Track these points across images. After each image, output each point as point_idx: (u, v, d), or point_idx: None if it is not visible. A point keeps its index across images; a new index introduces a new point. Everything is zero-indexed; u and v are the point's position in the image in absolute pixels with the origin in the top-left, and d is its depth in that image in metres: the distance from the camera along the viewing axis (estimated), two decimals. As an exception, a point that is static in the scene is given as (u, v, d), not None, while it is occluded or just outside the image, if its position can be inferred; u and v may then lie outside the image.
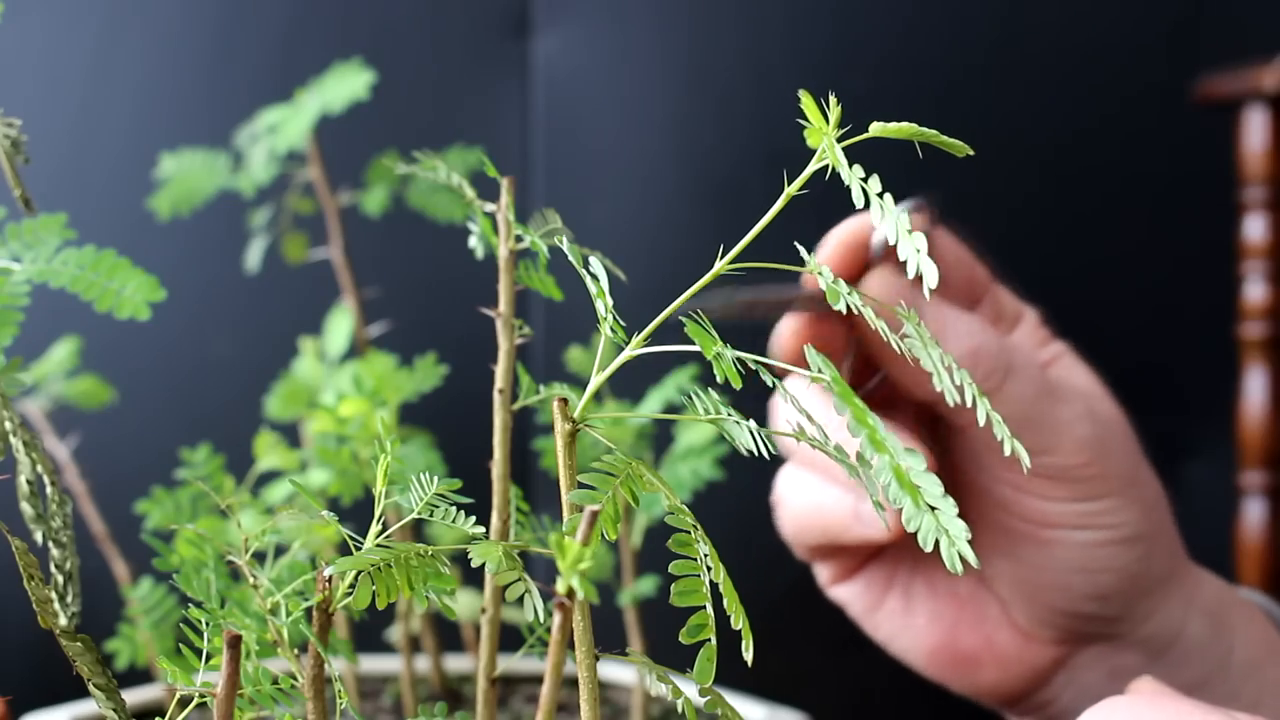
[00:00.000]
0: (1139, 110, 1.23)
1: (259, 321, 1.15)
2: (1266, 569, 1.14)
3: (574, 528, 0.40)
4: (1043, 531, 0.64)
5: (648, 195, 1.21)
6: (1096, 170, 1.24)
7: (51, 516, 0.48)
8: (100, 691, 0.47)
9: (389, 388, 0.69)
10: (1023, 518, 0.65)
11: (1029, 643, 0.67)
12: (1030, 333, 0.68)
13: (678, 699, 0.46)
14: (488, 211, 0.52)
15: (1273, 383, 1.14)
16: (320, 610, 0.45)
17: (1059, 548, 0.64)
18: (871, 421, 0.42)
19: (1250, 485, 1.15)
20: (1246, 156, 1.15)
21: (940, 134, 0.44)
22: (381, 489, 0.48)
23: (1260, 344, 1.15)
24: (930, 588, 0.68)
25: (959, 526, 0.40)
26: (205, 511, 0.66)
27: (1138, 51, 1.23)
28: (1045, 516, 0.64)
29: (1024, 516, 0.65)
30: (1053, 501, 0.64)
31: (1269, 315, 1.14)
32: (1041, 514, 0.64)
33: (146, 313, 0.51)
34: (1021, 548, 0.65)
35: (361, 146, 0.87)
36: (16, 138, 0.49)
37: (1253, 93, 1.13)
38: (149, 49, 1.17)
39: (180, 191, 0.84)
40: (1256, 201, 1.15)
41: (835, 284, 0.44)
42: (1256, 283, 1.15)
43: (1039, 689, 0.68)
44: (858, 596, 0.69)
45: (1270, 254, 1.15)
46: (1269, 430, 1.14)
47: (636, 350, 0.45)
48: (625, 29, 1.21)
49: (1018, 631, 0.68)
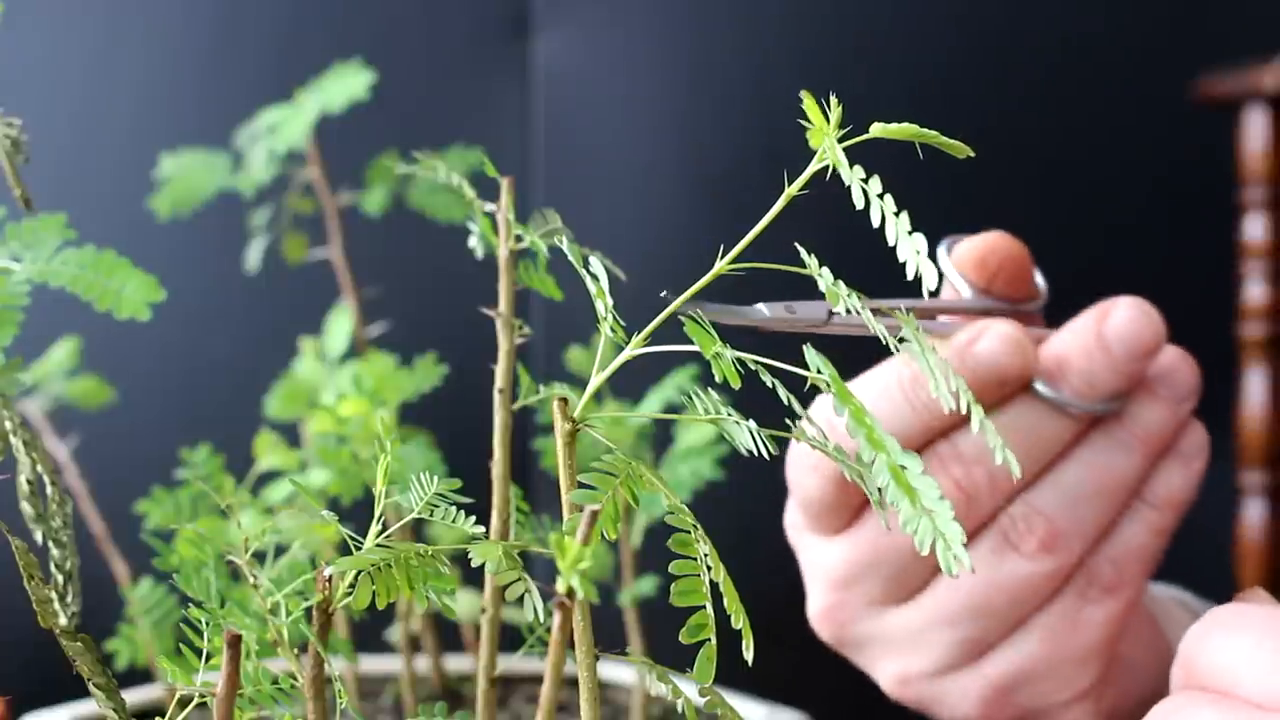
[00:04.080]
0: (1139, 110, 1.23)
1: (259, 321, 1.15)
2: (1266, 569, 1.14)
3: (574, 528, 0.40)
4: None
5: (648, 195, 1.21)
6: (1096, 170, 1.24)
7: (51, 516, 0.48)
8: (100, 691, 0.47)
9: (389, 388, 0.69)
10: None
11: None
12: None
13: (678, 699, 0.46)
14: (488, 211, 0.52)
15: (1273, 383, 1.14)
16: (320, 610, 0.45)
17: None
18: (869, 421, 0.42)
19: (1250, 485, 1.15)
20: (1246, 156, 1.15)
21: (940, 134, 0.44)
22: (381, 489, 0.48)
23: (1260, 344, 1.15)
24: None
25: (955, 530, 0.40)
26: (205, 511, 0.66)
27: (1138, 51, 1.23)
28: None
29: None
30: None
31: (1269, 315, 1.14)
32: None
33: (146, 313, 0.51)
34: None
35: (361, 146, 0.87)
36: (16, 137, 0.49)
37: (1253, 93, 1.13)
38: (149, 49, 1.17)
39: (180, 191, 0.84)
40: (1256, 201, 1.15)
41: (835, 285, 0.44)
42: (1256, 283, 1.15)
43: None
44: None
45: (1270, 254, 1.15)
46: (1269, 430, 1.14)
47: (636, 350, 0.45)
48: (625, 29, 1.21)
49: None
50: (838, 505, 0.62)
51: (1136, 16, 1.23)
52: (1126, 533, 0.63)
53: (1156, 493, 0.63)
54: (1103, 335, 0.60)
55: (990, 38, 1.23)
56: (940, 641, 0.62)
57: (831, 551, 0.63)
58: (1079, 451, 0.62)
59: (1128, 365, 0.60)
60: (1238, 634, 0.48)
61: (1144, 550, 0.63)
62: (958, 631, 0.62)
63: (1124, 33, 1.23)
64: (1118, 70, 1.23)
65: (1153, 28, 1.23)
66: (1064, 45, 1.23)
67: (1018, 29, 1.23)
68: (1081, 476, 0.61)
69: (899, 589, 0.63)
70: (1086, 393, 0.60)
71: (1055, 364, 0.61)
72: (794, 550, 0.66)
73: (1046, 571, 0.61)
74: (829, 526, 0.63)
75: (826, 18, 1.21)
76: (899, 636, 0.63)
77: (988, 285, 0.62)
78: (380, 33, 1.19)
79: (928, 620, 0.62)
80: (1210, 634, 0.49)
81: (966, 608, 0.61)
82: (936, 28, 1.22)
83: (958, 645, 0.62)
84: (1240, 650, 0.47)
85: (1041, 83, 1.23)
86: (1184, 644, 0.49)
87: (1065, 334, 0.61)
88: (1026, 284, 0.63)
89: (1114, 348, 0.60)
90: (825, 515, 0.62)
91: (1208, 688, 0.48)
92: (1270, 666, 0.46)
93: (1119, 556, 0.62)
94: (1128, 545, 0.62)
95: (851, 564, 0.62)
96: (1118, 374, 0.60)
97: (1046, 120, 1.23)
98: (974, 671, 0.63)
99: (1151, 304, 0.61)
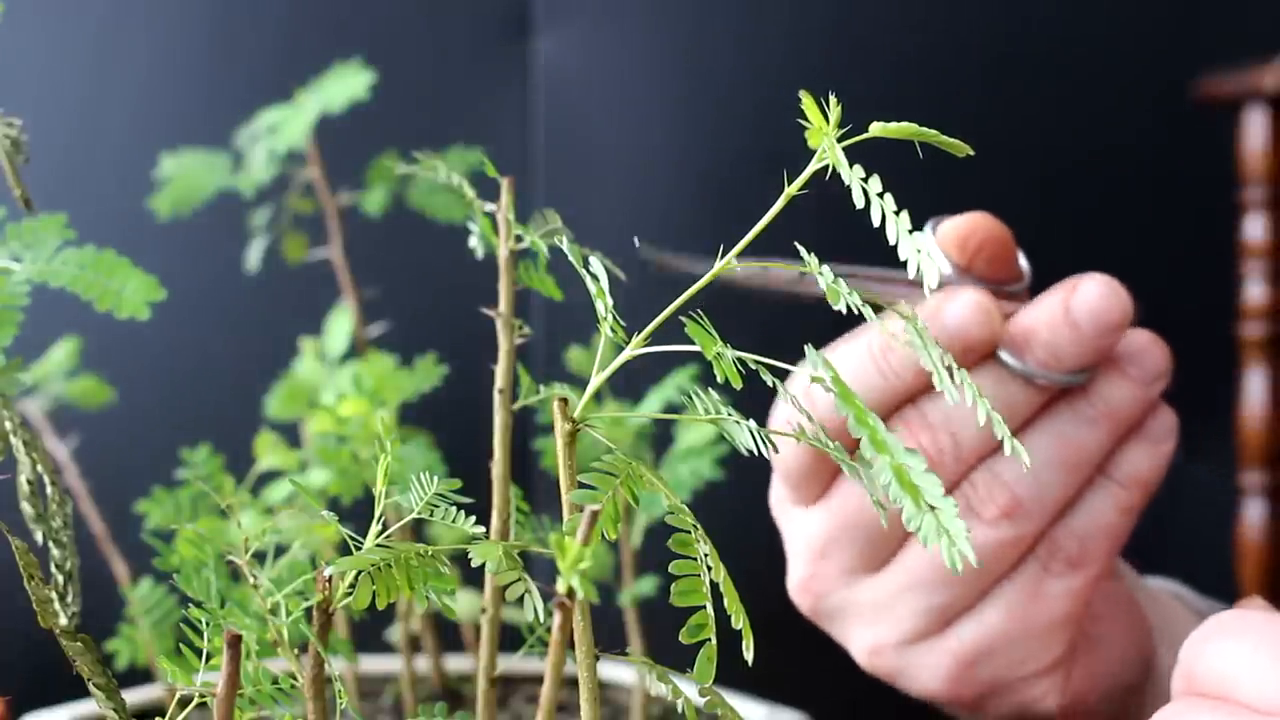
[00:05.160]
0: (1139, 110, 1.23)
1: (259, 321, 1.15)
2: (1266, 569, 1.14)
3: (574, 528, 0.40)
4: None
5: (648, 195, 1.21)
6: (1096, 170, 1.24)
7: (51, 516, 0.48)
8: (100, 691, 0.47)
9: (389, 388, 0.69)
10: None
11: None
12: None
13: (678, 699, 0.46)
14: (488, 211, 0.52)
15: (1273, 383, 1.14)
16: (320, 610, 0.45)
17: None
18: (872, 422, 0.42)
19: (1250, 485, 1.15)
20: (1246, 156, 1.15)
21: (940, 134, 0.44)
22: (381, 489, 0.48)
23: (1260, 344, 1.15)
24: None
25: (959, 526, 0.40)
26: (205, 511, 0.66)
27: (1138, 51, 1.23)
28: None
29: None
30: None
31: (1269, 315, 1.14)
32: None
33: (146, 313, 0.51)
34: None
35: (361, 146, 0.86)
36: (17, 138, 0.49)
37: (1253, 93, 1.13)
38: (149, 49, 1.17)
39: (180, 191, 0.84)
40: (1256, 201, 1.15)
41: (835, 284, 0.44)
42: (1256, 283, 1.15)
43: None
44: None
45: (1270, 254, 1.15)
46: (1269, 430, 1.14)
47: (636, 350, 0.45)
48: (625, 29, 1.21)
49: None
50: (814, 472, 0.63)
51: (1136, 16, 1.23)
52: (1092, 508, 0.64)
53: (1123, 470, 0.64)
54: (1070, 309, 0.61)
55: (990, 38, 1.23)
56: (908, 610, 0.64)
57: (809, 521, 0.65)
58: (1043, 422, 0.62)
59: (1093, 339, 0.61)
60: (1236, 640, 0.48)
61: (1109, 527, 0.64)
62: (925, 599, 0.63)
63: (1124, 33, 1.23)
64: (1117, 70, 1.23)
65: (1153, 28, 1.23)
66: (1064, 45, 1.23)
67: (1018, 29, 1.23)
68: (1044, 447, 0.62)
69: (871, 557, 0.64)
70: (1051, 364, 0.61)
71: (1021, 335, 0.62)
72: (779, 528, 0.67)
73: (1008, 538, 0.62)
74: (807, 495, 0.64)
75: (826, 18, 1.21)
76: (870, 606, 0.65)
77: (969, 264, 0.63)
78: (380, 33, 1.19)
79: (898, 588, 0.64)
80: (1209, 640, 0.49)
81: (932, 575, 0.63)
82: (936, 28, 1.22)
83: (925, 613, 0.64)
84: (1239, 656, 0.48)
85: (1041, 82, 1.23)
86: (1183, 651, 0.50)
87: (1033, 307, 0.62)
88: (1008, 265, 0.64)
89: (1080, 321, 0.61)
90: (803, 484, 0.64)
91: (1207, 694, 0.48)
92: (1268, 671, 0.47)
93: (1083, 531, 0.63)
94: (1093, 520, 0.64)
95: (828, 532, 0.64)
96: (1082, 347, 0.61)
97: (1046, 120, 1.23)
98: (940, 643, 0.64)
99: (1125, 285, 0.62)
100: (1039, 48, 1.23)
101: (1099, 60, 1.23)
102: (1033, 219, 1.24)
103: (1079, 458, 0.62)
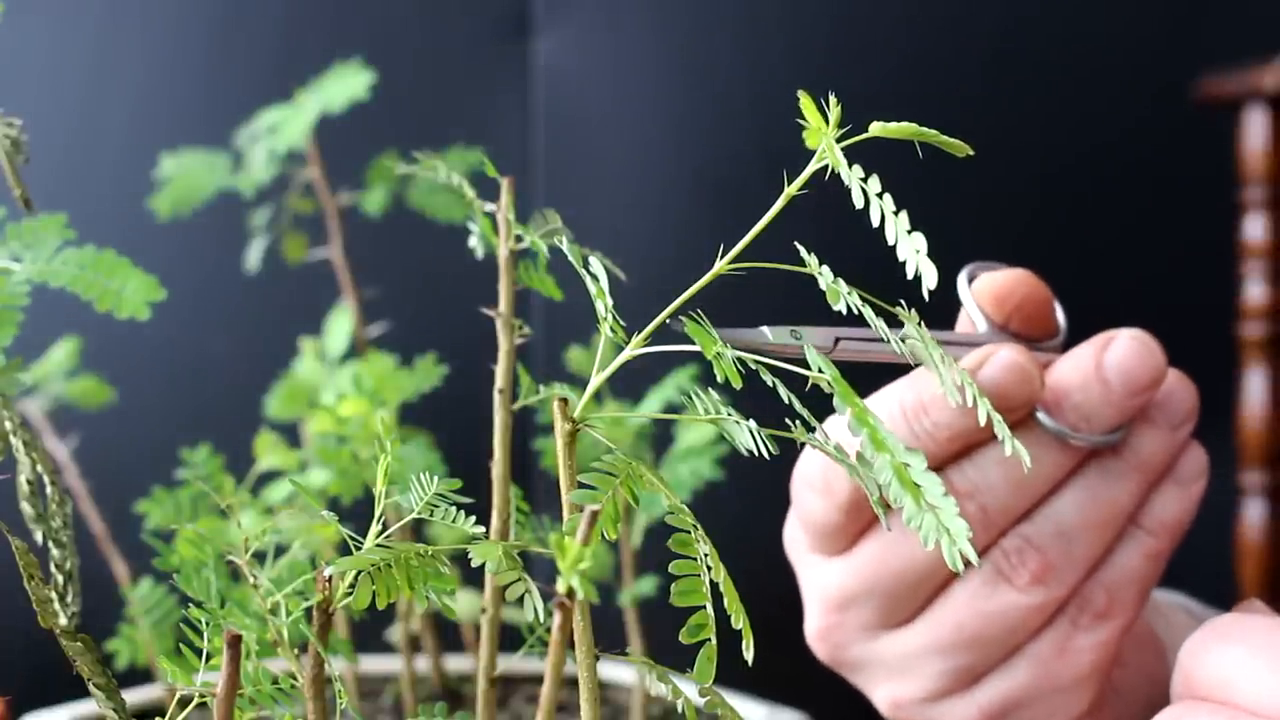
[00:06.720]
0: (1139, 110, 1.23)
1: (259, 321, 1.15)
2: (1266, 569, 1.14)
3: (574, 528, 0.40)
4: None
5: (648, 195, 1.21)
6: (1096, 170, 1.24)
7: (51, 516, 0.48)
8: (100, 691, 0.47)
9: (389, 388, 0.69)
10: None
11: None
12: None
13: (678, 699, 0.46)
14: (488, 211, 0.52)
15: (1273, 383, 1.14)
16: (320, 610, 0.45)
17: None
18: (872, 421, 0.42)
19: (1250, 485, 1.15)
20: (1246, 156, 1.15)
21: (940, 134, 0.44)
22: (381, 489, 0.48)
23: (1260, 344, 1.15)
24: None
25: (960, 525, 0.40)
26: (205, 511, 0.66)
27: (1138, 51, 1.23)
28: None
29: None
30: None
31: (1269, 315, 1.14)
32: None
33: (146, 312, 0.51)
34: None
35: (361, 146, 0.87)
36: (17, 138, 0.49)
37: (1253, 93, 1.13)
38: (149, 49, 1.17)
39: (180, 191, 0.84)
40: (1256, 201, 1.15)
41: (835, 283, 0.44)
42: (1256, 283, 1.15)
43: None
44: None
45: (1270, 254, 1.15)
46: (1269, 430, 1.14)
47: (636, 350, 0.45)
48: (625, 29, 1.21)
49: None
50: (842, 530, 0.61)
51: (1136, 16, 1.23)
52: (1121, 559, 0.62)
53: (1153, 518, 0.62)
54: (1101, 367, 0.59)
55: (990, 38, 1.23)
56: (932, 669, 0.62)
57: (830, 573, 0.63)
58: (1075, 483, 0.61)
59: (1125, 400, 0.59)
60: (1234, 643, 0.48)
61: (1139, 576, 0.62)
62: (949, 660, 0.62)
63: (1124, 33, 1.23)
64: (1118, 70, 1.23)
65: (1153, 28, 1.23)
66: (1064, 45, 1.23)
67: (1017, 29, 1.23)
68: (1076, 509, 0.60)
69: (893, 614, 0.62)
70: (1083, 426, 0.59)
71: (1053, 395, 0.59)
72: (792, 565, 0.65)
73: (1038, 603, 0.60)
74: (830, 549, 0.62)
75: (826, 18, 1.21)
76: (892, 661, 0.63)
77: (1005, 321, 0.61)
78: (380, 33, 1.19)
79: (920, 647, 0.62)
80: (1207, 644, 0.49)
81: (958, 637, 0.61)
82: (936, 27, 1.22)
83: (949, 674, 0.62)
84: (1237, 659, 0.48)
85: (1041, 82, 1.23)
86: (1182, 654, 0.50)
87: (1065, 363, 0.60)
88: (1045, 322, 0.62)
89: (1112, 381, 0.59)
90: (828, 538, 0.62)
91: (1205, 697, 0.48)
92: (1266, 675, 0.47)
93: (1113, 583, 0.62)
94: (1122, 571, 0.62)
95: (849, 588, 0.62)
96: (1115, 408, 0.59)
97: (1046, 120, 1.23)
98: (966, 699, 0.63)
99: (1152, 336, 0.60)
100: (1039, 48, 1.23)
101: (1099, 60, 1.23)
102: (1033, 219, 1.24)
103: (1111, 514, 0.60)
